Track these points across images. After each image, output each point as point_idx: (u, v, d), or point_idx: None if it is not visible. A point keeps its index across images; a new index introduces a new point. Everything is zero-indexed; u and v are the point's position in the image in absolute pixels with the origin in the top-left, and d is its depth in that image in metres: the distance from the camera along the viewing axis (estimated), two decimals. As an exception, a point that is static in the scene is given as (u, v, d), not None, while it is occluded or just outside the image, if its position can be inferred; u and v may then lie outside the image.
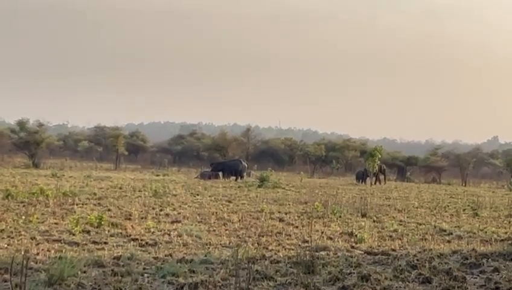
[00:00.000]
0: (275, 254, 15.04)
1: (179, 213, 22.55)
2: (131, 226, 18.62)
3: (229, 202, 28.28)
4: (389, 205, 29.99)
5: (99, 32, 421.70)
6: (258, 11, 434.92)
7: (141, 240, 16.38)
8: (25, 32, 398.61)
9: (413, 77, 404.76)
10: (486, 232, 20.56)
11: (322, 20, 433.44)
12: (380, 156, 56.94)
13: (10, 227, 17.26)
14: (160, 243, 15.97)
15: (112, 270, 12.48)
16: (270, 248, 15.95)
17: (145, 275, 12.32)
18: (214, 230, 18.79)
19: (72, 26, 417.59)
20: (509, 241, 18.27)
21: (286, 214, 23.78)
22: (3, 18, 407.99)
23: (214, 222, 20.50)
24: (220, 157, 68.25)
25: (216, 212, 23.14)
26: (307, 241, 16.64)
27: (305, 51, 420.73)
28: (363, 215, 24.03)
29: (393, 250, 16.14)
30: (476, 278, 13.28)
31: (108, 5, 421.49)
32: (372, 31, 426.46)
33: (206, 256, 14.32)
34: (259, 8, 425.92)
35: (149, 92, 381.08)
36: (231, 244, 16.20)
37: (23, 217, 18.86)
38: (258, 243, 16.48)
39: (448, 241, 18.19)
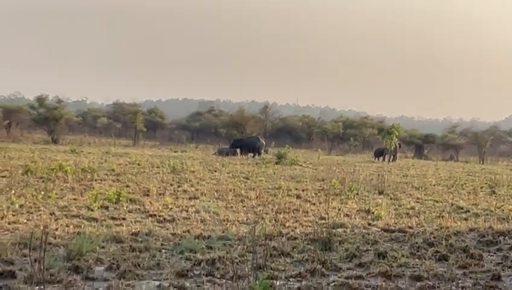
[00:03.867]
0: (292, 230, 15.04)
1: (197, 190, 22.59)
2: (149, 202, 18.66)
3: (247, 178, 28.29)
4: (406, 183, 29.91)
5: (124, 10, 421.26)
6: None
7: (159, 216, 16.43)
8: (50, 11, 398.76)
9: (431, 55, 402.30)
10: (503, 210, 20.48)
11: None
12: (397, 133, 56.79)
13: (29, 202, 17.33)
14: (178, 219, 16.00)
15: (130, 246, 12.52)
16: (287, 224, 15.96)
17: (163, 251, 12.36)
18: (232, 207, 18.82)
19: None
20: (527, 220, 18.19)
21: (303, 191, 23.76)
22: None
23: (232, 199, 20.53)
24: (238, 135, 68.10)
25: (233, 189, 23.16)
26: (324, 218, 16.63)
27: (325, 29, 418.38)
28: (380, 193, 23.99)
29: (410, 227, 16.10)
30: (493, 255, 13.24)
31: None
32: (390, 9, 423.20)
33: (223, 232, 14.35)
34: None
35: (167, 68, 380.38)
36: (248, 221, 16.22)
37: (42, 193, 18.93)
38: (275, 220, 16.48)
39: (465, 219, 18.13)
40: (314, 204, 20.15)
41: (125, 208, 17.49)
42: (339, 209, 18.87)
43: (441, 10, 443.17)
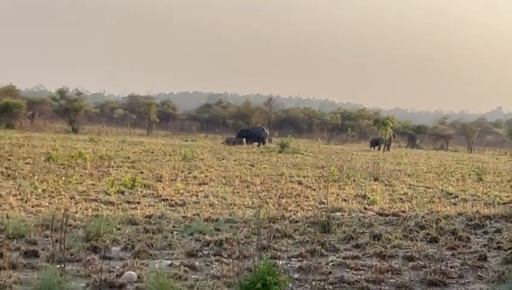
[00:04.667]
0: (294, 214, 15.05)
1: (206, 176, 22.60)
2: (162, 187, 18.69)
3: (252, 166, 28.30)
4: (399, 170, 29.90)
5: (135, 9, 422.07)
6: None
7: (171, 200, 16.45)
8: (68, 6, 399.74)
9: (424, 52, 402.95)
10: (489, 195, 20.47)
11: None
12: (391, 124, 56.74)
13: (51, 187, 17.37)
14: (189, 203, 16.03)
15: (144, 227, 12.55)
16: (289, 208, 15.97)
17: (175, 232, 12.38)
18: (238, 192, 18.83)
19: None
20: (511, 205, 18.17)
21: (304, 177, 23.77)
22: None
23: (238, 184, 20.54)
24: (244, 125, 68.01)
25: (240, 176, 23.17)
26: (324, 203, 16.62)
27: (325, 28, 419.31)
28: (376, 179, 23.98)
29: (403, 212, 16.10)
30: (480, 238, 13.24)
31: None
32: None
33: (230, 216, 14.37)
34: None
35: (179, 63, 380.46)
36: (253, 205, 16.23)
37: (63, 178, 18.97)
38: (278, 204, 16.49)
39: (454, 204, 18.12)
40: (314, 190, 20.15)
41: (139, 192, 17.52)
42: (337, 195, 18.91)
43: (432, 10, 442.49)
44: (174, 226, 12.91)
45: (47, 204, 14.74)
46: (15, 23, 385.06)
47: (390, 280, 9.49)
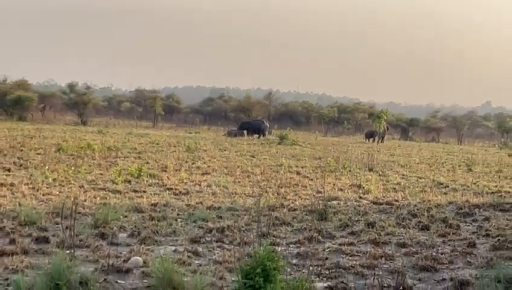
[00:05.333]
0: (292, 203, 15.05)
1: (209, 166, 22.60)
2: (167, 177, 18.69)
3: (253, 157, 28.30)
4: (393, 161, 29.90)
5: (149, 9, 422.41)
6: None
7: (175, 189, 16.45)
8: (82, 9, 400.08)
9: (416, 49, 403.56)
10: (478, 185, 20.47)
11: None
12: (385, 117, 56.83)
13: (61, 177, 17.37)
14: (192, 192, 16.03)
15: (150, 215, 12.56)
16: (288, 197, 15.96)
17: (179, 219, 12.38)
18: (239, 181, 18.83)
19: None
20: (499, 194, 18.19)
21: (302, 168, 23.77)
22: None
23: (239, 174, 20.53)
24: (245, 118, 67.98)
25: (241, 166, 23.17)
26: (321, 192, 16.64)
27: (324, 26, 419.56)
28: (370, 170, 23.99)
29: (396, 200, 16.11)
30: (469, 225, 13.25)
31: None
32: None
33: (232, 204, 14.36)
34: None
35: (183, 59, 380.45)
36: (254, 194, 16.23)
37: (73, 168, 18.98)
38: (277, 193, 16.50)
39: (445, 193, 18.12)
40: (311, 179, 20.15)
41: (145, 182, 17.53)
42: (334, 184, 18.92)
43: (425, 8, 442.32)
44: (178, 214, 12.92)
45: (57, 193, 14.74)
46: (28, 22, 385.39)
47: (384, 266, 9.50)
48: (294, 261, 9.65)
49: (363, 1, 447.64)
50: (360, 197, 16.56)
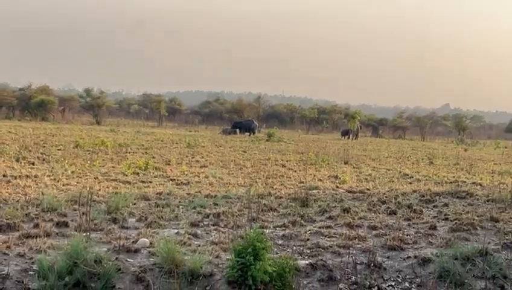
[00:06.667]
0: (278, 191, 15.04)
1: (206, 160, 22.57)
2: (170, 169, 18.66)
3: (244, 152, 28.28)
4: (365, 155, 29.94)
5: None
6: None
7: (177, 180, 16.42)
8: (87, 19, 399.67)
9: (385, 57, 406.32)
10: (438, 176, 20.52)
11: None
12: (359, 118, 57.06)
13: (79, 169, 17.31)
14: (192, 183, 16.00)
15: (155, 202, 12.54)
16: (274, 187, 15.96)
17: (180, 206, 12.37)
18: (233, 173, 18.81)
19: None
20: (456, 183, 18.23)
21: (287, 161, 23.77)
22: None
23: (233, 167, 20.52)
24: (238, 118, 67.95)
25: (234, 160, 23.15)
26: (303, 182, 16.64)
27: (305, 38, 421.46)
28: (346, 163, 24.01)
29: (368, 189, 16.12)
30: (431, 211, 13.29)
31: None
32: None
33: (226, 193, 14.34)
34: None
35: (184, 66, 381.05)
36: (245, 184, 16.21)
37: (89, 162, 18.94)
38: (265, 183, 16.49)
39: (410, 183, 18.16)
40: (295, 171, 20.15)
41: (151, 174, 17.49)
42: (314, 176, 18.93)
43: (384, 16, 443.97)
44: (180, 201, 12.90)
45: (75, 183, 14.70)
46: (51, 35, 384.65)
47: (357, 245, 9.52)
48: (280, 242, 9.66)
49: (337, 11, 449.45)
50: (337, 187, 16.57)
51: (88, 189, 13.23)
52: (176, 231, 10.02)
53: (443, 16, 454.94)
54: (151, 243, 8.93)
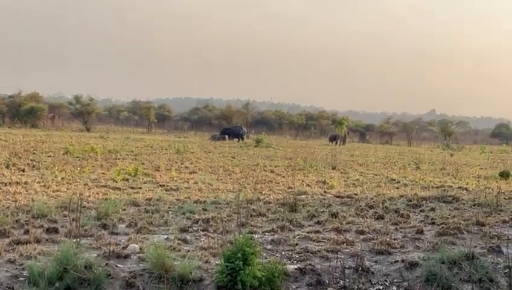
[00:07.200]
0: (267, 197, 15.04)
1: (195, 166, 22.55)
2: (160, 175, 18.63)
3: (233, 157, 28.28)
4: (352, 161, 30.02)
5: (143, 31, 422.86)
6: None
7: (167, 186, 16.39)
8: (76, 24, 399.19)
9: (371, 65, 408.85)
10: (425, 181, 20.60)
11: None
12: (346, 123, 57.18)
13: (69, 176, 17.26)
14: (181, 189, 15.98)
15: (145, 208, 12.51)
16: (263, 192, 15.96)
17: (170, 212, 12.34)
18: (221, 179, 18.81)
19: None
20: (442, 188, 18.31)
21: (275, 167, 23.79)
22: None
23: (222, 173, 20.52)
24: (226, 125, 67.97)
25: (223, 166, 23.15)
26: (291, 188, 16.67)
27: (293, 44, 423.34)
28: (333, 168, 24.06)
29: (356, 194, 16.15)
30: (418, 215, 13.33)
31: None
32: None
33: (215, 198, 14.33)
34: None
35: (173, 74, 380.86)
36: (234, 189, 16.21)
37: (78, 169, 18.88)
38: (254, 189, 16.49)
39: (397, 188, 18.22)
40: (283, 177, 20.17)
41: (141, 180, 17.45)
42: (302, 181, 18.95)
43: (374, 30, 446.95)
44: (169, 207, 12.87)
45: (65, 189, 14.64)
46: (39, 41, 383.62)
47: (345, 250, 9.53)
48: (269, 246, 9.66)
49: (326, 17, 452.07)
50: (325, 192, 16.60)
51: (78, 195, 13.18)
52: (165, 236, 9.99)
53: (428, 24, 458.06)
54: (141, 249, 8.90)
